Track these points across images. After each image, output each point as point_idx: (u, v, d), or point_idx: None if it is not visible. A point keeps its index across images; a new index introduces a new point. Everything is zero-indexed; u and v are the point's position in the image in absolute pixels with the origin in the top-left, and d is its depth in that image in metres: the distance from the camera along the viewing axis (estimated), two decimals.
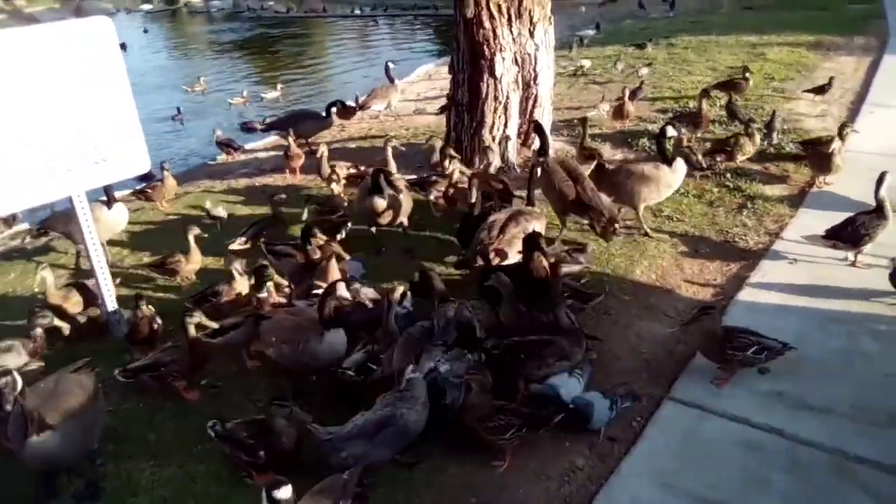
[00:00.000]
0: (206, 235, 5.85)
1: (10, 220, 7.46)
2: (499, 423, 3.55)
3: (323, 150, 7.16)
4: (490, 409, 3.60)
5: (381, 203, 5.69)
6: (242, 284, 5.02)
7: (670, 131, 5.91)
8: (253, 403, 4.20)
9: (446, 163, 6.59)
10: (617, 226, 5.52)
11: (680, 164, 5.82)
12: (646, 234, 5.88)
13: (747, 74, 9.01)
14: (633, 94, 8.89)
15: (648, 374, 4.22)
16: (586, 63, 11.79)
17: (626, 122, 8.60)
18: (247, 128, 11.36)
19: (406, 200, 5.89)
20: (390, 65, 10.90)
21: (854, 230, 5.06)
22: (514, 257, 5.01)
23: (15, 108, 4.26)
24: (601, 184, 5.81)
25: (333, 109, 9.20)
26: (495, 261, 4.96)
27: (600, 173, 6.05)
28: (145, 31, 28.83)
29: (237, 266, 5.09)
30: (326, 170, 6.92)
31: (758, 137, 7.01)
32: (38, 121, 4.36)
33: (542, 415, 3.67)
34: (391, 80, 10.60)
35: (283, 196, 6.37)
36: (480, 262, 5.01)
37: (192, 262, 5.62)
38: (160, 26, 32.72)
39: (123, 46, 20.82)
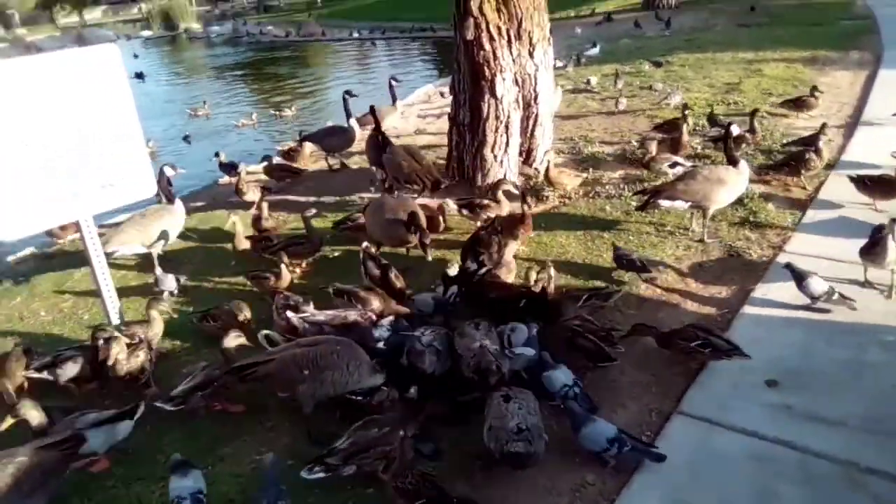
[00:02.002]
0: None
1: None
2: None
3: (242, 168, 8.04)
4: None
5: (413, 239, 5.79)
6: (287, 278, 5.60)
7: (735, 130, 5.98)
8: (262, 424, 4.22)
9: (500, 194, 6.48)
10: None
11: (744, 166, 5.92)
12: (700, 241, 5.96)
13: (816, 93, 9.02)
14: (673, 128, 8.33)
15: (657, 388, 4.23)
16: (593, 80, 11.93)
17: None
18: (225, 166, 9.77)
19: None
20: (393, 82, 10.63)
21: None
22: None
23: (25, 135, 4.33)
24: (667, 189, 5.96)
25: (352, 121, 9.28)
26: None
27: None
28: (135, 56, 28.89)
29: (286, 259, 5.66)
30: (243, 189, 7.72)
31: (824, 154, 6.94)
32: (46, 146, 4.44)
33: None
34: (393, 99, 10.51)
35: (314, 211, 6.41)
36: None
37: (284, 281, 5.67)
38: (160, 52, 33.02)
39: (141, 76, 20.98)
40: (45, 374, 4.49)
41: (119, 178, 4.82)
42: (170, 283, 5.86)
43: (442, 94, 12.67)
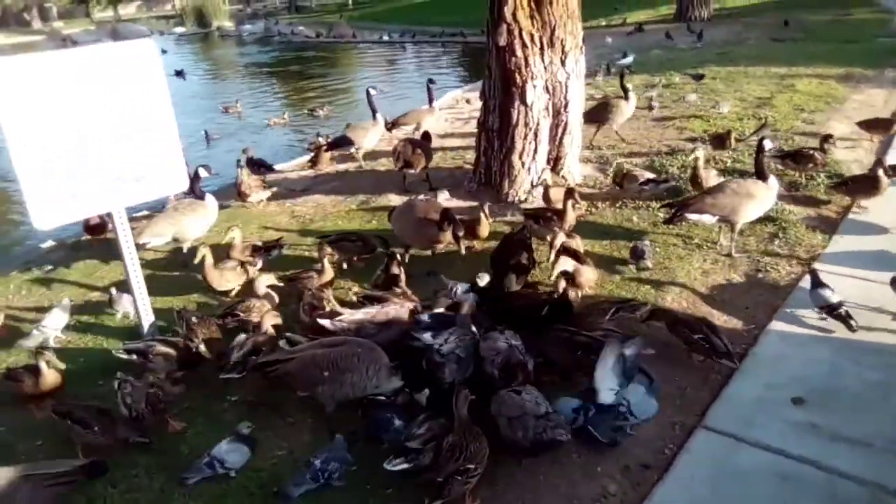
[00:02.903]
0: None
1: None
2: None
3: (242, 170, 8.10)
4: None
5: (447, 237, 5.82)
6: (329, 273, 5.59)
7: (768, 145, 5.98)
8: (283, 420, 4.25)
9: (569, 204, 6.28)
10: None
11: (774, 181, 5.90)
12: (728, 255, 5.93)
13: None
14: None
15: (681, 402, 4.20)
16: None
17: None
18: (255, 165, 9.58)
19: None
20: (431, 84, 10.59)
21: None
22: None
23: (62, 125, 4.40)
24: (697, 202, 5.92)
25: (378, 116, 9.38)
26: None
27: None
28: (163, 52, 29.14)
29: (328, 251, 5.66)
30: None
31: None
32: (83, 138, 4.50)
33: None
34: (430, 100, 10.43)
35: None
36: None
37: (326, 276, 5.68)
38: (192, 49, 33.43)
39: (181, 73, 21.07)
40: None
41: (153, 171, 4.87)
42: (125, 304, 5.55)
43: (468, 101, 12.73)
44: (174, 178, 5.08)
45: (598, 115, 9.10)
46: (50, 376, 4.55)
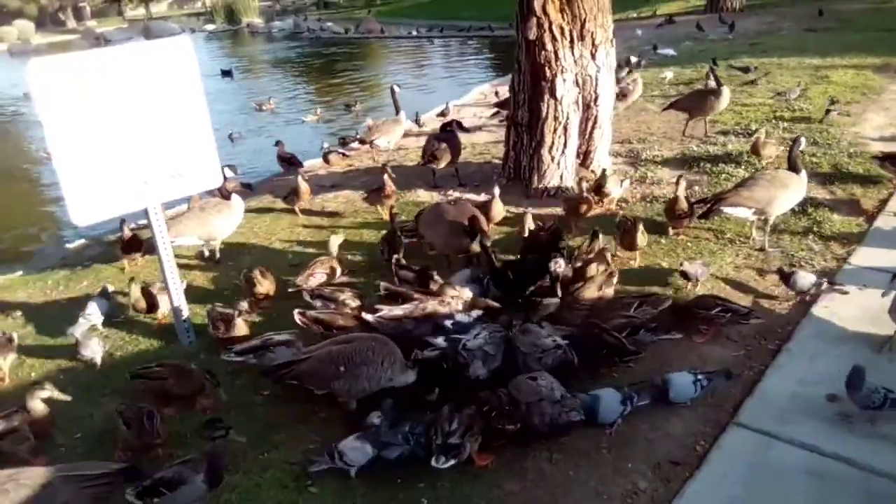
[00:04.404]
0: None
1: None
2: None
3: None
4: None
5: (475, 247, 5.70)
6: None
7: (802, 144, 6.01)
8: (315, 414, 4.29)
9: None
10: None
11: (804, 175, 5.88)
12: (761, 250, 5.88)
13: None
14: None
15: (713, 398, 4.16)
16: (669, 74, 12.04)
17: None
18: (285, 161, 9.46)
19: None
20: (396, 88, 10.05)
21: None
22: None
23: (100, 124, 4.49)
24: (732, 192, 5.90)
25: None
26: None
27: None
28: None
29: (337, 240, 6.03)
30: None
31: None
32: (121, 134, 4.58)
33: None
34: (397, 110, 9.73)
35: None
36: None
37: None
38: (222, 46, 33.75)
39: (230, 73, 21.09)
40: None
41: (187, 168, 4.94)
42: (93, 348, 4.99)
43: (497, 94, 12.68)
44: (209, 174, 5.14)
45: (690, 106, 9.01)
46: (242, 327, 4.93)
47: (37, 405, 4.12)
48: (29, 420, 4.08)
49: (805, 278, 5.02)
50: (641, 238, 5.68)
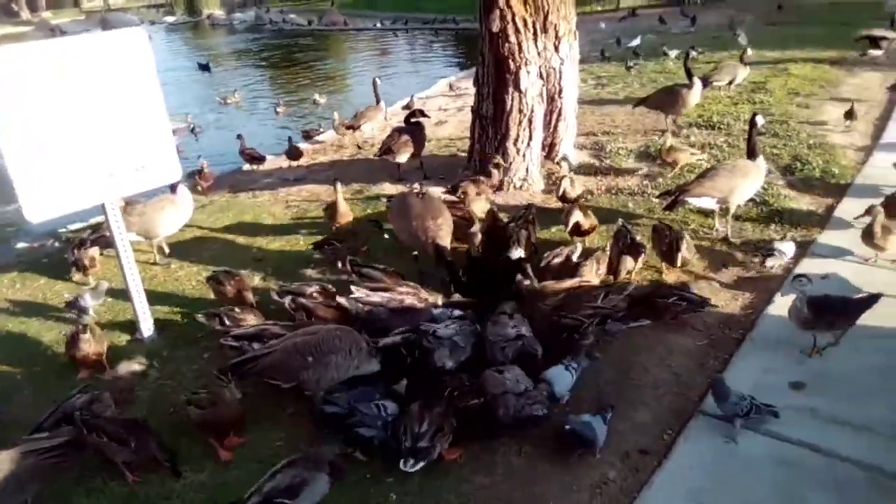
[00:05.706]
0: None
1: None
2: None
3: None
4: None
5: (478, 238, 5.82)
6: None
7: (760, 121, 6.05)
8: (283, 411, 4.22)
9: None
10: None
11: (762, 160, 5.96)
12: (724, 239, 5.94)
13: None
14: None
15: (678, 388, 4.19)
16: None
17: None
18: (248, 155, 9.43)
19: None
20: (378, 80, 10.55)
21: None
22: None
23: (52, 117, 4.35)
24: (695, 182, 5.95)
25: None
26: None
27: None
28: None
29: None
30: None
31: None
32: (73, 129, 4.45)
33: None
34: (377, 99, 10.29)
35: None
36: None
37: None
38: (183, 38, 33.12)
39: (207, 67, 20.57)
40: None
41: (144, 162, 4.81)
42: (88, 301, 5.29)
43: (450, 87, 12.63)
44: (167, 168, 5.02)
45: (662, 103, 8.87)
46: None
47: None
48: None
49: (785, 245, 5.26)
50: (688, 253, 5.33)
